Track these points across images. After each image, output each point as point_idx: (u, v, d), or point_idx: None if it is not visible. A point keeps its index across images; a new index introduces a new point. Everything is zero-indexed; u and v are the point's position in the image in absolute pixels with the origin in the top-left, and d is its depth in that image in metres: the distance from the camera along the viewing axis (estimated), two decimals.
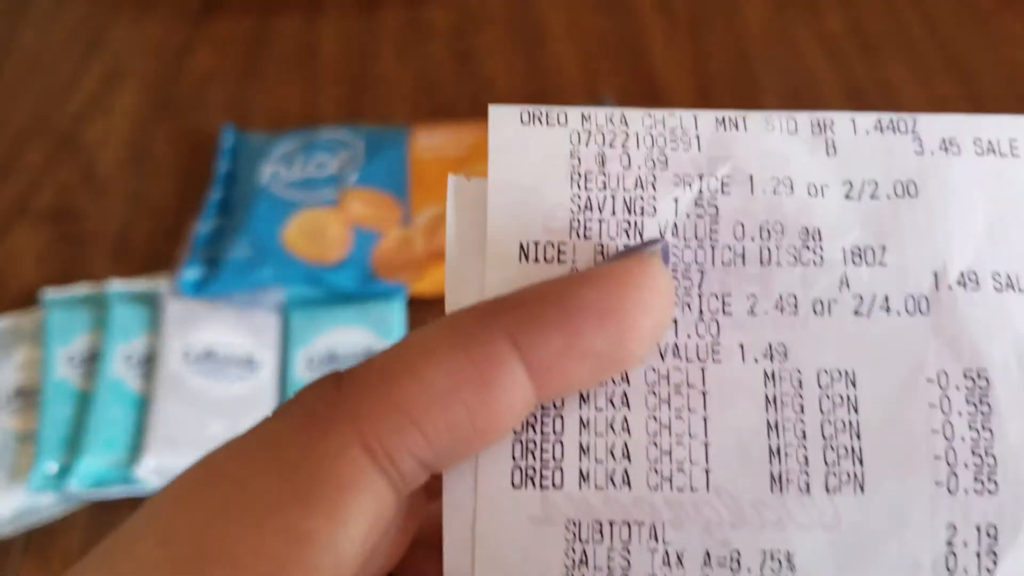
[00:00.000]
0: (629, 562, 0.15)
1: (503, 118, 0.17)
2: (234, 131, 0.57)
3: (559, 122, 0.17)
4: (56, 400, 0.46)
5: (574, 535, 0.15)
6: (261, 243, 0.50)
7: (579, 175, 0.17)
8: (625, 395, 0.16)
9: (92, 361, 0.47)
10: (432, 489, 0.16)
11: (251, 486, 0.13)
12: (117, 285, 0.50)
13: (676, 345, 0.16)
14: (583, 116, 0.17)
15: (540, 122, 0.17)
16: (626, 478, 0.15)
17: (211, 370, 0.47)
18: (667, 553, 0.15)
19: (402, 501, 0.15)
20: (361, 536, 0.14)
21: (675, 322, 0.16)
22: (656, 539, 0.15)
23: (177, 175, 0.56)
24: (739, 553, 0.15)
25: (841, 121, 0.17)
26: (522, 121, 0.17)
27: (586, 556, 0.15)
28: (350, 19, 0.64)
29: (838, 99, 0.58)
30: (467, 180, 0.17)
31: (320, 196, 0.52)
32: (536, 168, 0.17)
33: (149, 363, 0.47)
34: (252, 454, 0.14)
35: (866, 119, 0.17)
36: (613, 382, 0.16)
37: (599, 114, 0.17)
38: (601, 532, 0.15)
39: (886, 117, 0.17)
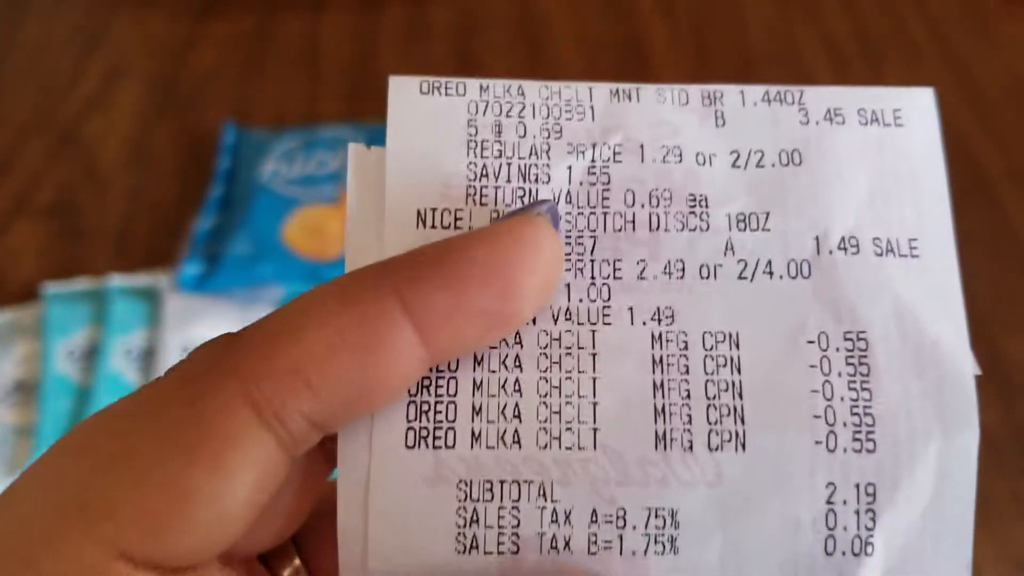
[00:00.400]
0: (519, 520, 0.15)
1: (403, 88, 0.17)
2: (235, 128, 0.57)
3: (457, 92, 0.17)
4: (55, 394, 0.46)
5: (465, 494, 0.15)
6: (261, 240, 0.50)
7: (476, 143, 0.17)
8: (518, 357, 0.16)
9: (91, 355, 0.47)
10: (333, 454, 0.16)
11: (134, 440, 0.13)
12: (117, 280, 0.50)
13: (568, 309, 0.16)
14: (481, 87, 0.17)
15: (439, 92, 0.17)
16: (516, 438, 0.16)
17: None
18: (555, 511, 0.15)
19: (296, 462, 0.15)
20: (246, 492, 0.14)
21: (567, 286, 0.16)
22: (545, 497, 0.16)
23: (178, 171, 0.56)
24: (625, 511, 0.16)
25: (730, 93, 0.18)
26: (421, 91, 0.17)
27: (477, 515, 0.15)
28: (352, 17, 0.64)
29: None
30: (367, 149, 0.17)
31: (320, 193, 0.52)
32: (434, 137, 0.17)
33: (148, 358, 0.47)
34: (139, 408, 0.14)
35: (755, 91, 0.18)
36: (507, 343, 0.16)
37: (497, 85, 0.18)
38: (492, 491, 0.16)
39: (773, 89, 0.18)
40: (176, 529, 0.13)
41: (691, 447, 0.16)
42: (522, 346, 0.16)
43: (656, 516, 0.16)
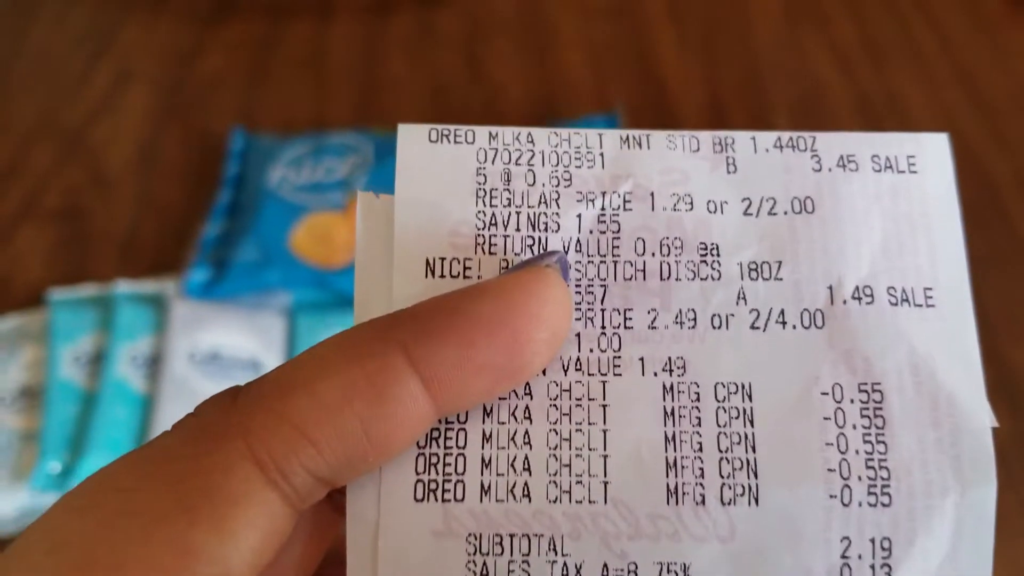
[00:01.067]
0: (529, 574, 0.15)
1: (411, 136, 0.17)
2: (244, 134, 0.57)
3: (467, 140, 0.17)
4: (61, 400, 0.46)
5: (475, 548, 0.15)
6: (269, 246, 0.50)
7: (485, 192, 0.17)
8: (527, 408, 0.16)
9: (97, 361, 0.47)
10: (343, 506, 0.16)
11: (140, 497, 0.13)
12: (123, 286, 0.50)
13: (578, 359, 0.16)
14: (490, 134, 0.17)
15: (448, 140, 0.17)
16: (526, 491, 0.16)
17: (216, 372, 0.46)
18: (566, 565, 0.15)
19: (302, 516, 0.15)
20: (252, 550, 0.14)
21: (578, 335, 0.16)
22: (555, 551, 0.15)
23: (185, 177, 0.56)
24: (636, 565, 0.15)
25: (742, 140, 0.17)
26: (430, 139, 0.17)
27: (487, 569, 0.15)
28: (361, 23, 0.64)
29: (847, 108, 0.58)
30: (376, 197, 0.17)
31: (329, 200, 0.52)
32: (443, 185, 0.17)
33: (154, 364, 0.47)
34: (144, 466, 0.14)
35: (767, 137, 0.17)
36: (516, 395, 0.16)
37: (506, 133, 0.17)
38: (501, 545, 0.15)
39: (786, 135, 0.17)
40: None
41: (703, 501, 0.16)
42: (532, 397, 0.16)
43: (668, 571, 0.15)
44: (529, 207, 0.17)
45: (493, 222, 0.17)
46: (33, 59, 0.63)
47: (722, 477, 0.16)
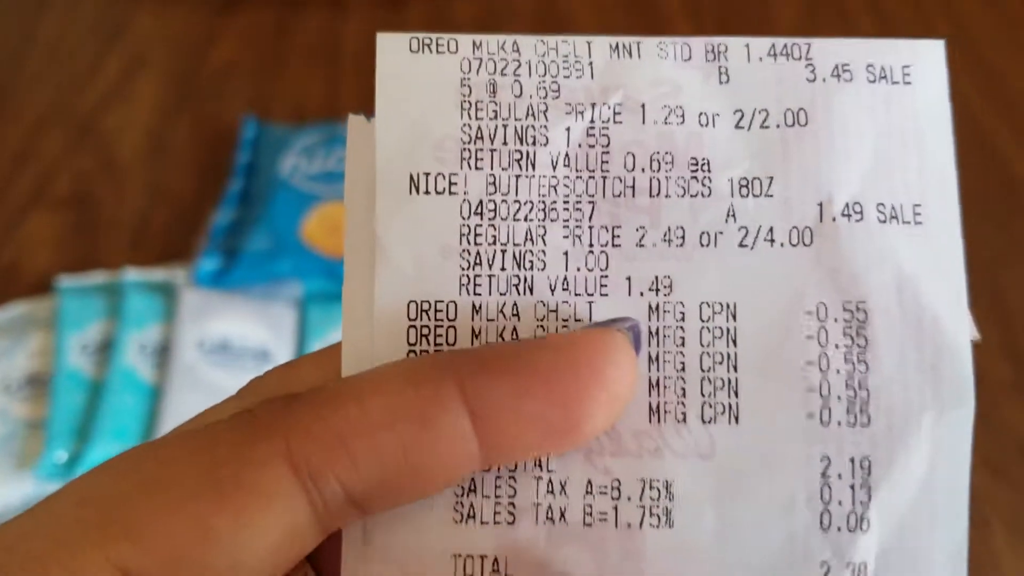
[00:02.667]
0: (515, 490, 0.15)
1: (391, 46, 0.16)
2: (256, 122, 0.56)
3: (449, 49, 0.17)
4: (68, 388, 0.45)
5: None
6: (280, 236, 0.50)
7: (469, 104, 0.16)
8: (515, 329, 0.16)
9: (105, 350, 0.47)
10: None
11: (175, 471, 0.14)
12: (133, 274, 0.49)
13: (565, 278, 0.16)
14: (474, 43, 0.17)
15: (430, 49, 0.17)
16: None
17: (225, 361, 0.46)
18: (551, 482, 0.15)
19: (324, 530, 0.15)
20: (268, 549, 0.14)
21: (565, 254, 0.16)
22: (541, 467, 0.16)
23: (196, 165, 0.56)
24: (620, 481, 0.15)
25: (735, 47, 0.17)
26: (411, 49, 0.16)
27: (474, 484, 0.15)
28: (375, 12, 0.64)
29: None
30: (367, 120, 0.17)
31: (341, 190, 0.51)
32: (425, 98, 0.16)
33: (163, 353, 0.46)
34: (190, 444, 0.14)
35: (761, 44, 0.17)
36: (503, 316, 0.16)
37: (491, 41, 0.17)
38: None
39: (780, 42, 0.17)
40: (190, 568, 0.13)
41: (684, 419, 0.16)
42: (519, 319, 0.16)
43: (651, 487, 0.15)
44: (516, 120, 0.16)
45: (479, 135, 0.16)
46: (45, 47, 0.63)
47: (703, 396, 0.16)
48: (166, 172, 0.55)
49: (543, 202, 0.16)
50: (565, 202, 0.16)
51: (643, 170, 0.16)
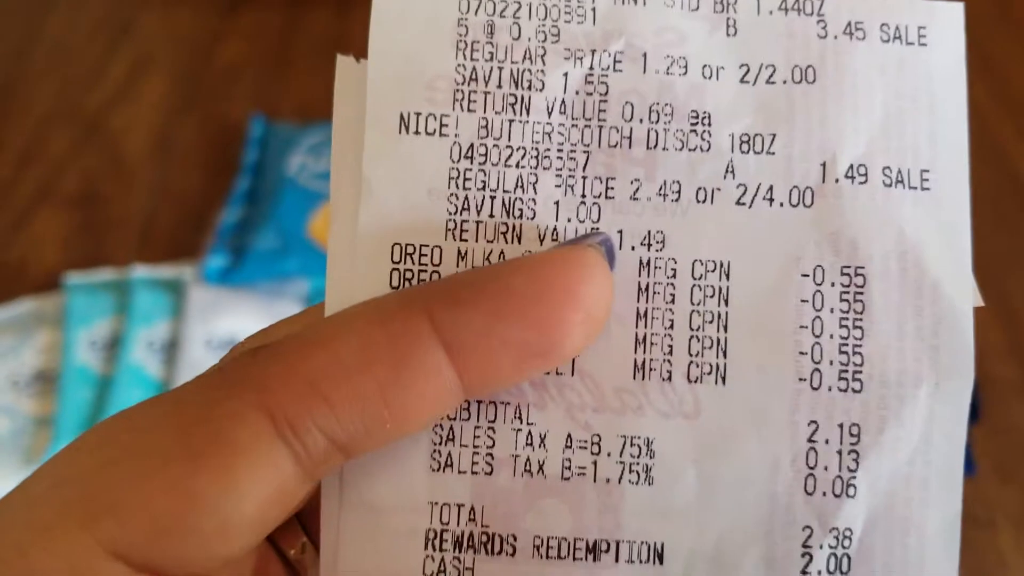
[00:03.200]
0: (494, 441, 0.15)
1: None
2: (262, 121, 0.56)
3: None
4: (76, 384, 0.45)
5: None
6: (287, 234, 0.50)
7: (465, 44, 0.16)
8: None
9: (113, 346, 0.47)
10: None
11: (148, 439, 0.13)
12: (140, 271, 0.49)
13: (555, 229, 0.16)
14: None
15: None
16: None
17: None
18: (531, 434, 0.15)
19: (311, 478, 0.14)
20: (255, 505, 0.13)
21: (556, 204, 0.16)
22: (520, 420, 0.15)
23: (203, 164, 0.56)
24: (600, 437, 0.15)
25: None
26: None
27: (453, 433, 0.15)
28: None
29: None
30: (356, 62, 0.16)
31: None
32: (420, 35, 0.16)
33: (171, 349, 0.46)
34: (159, 409, 0.14)
35: None
36: (488, 263, 0.16)
37: None
38: (468, 410, 0.15)
39: None
40: (177, 535, 0.13)
41: (670, 377, 0.15)
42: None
43: (631, 444, 0.15)
44: (512, 63, 0.16)
45: (473, 77, 0.16)
46: (51, 46, 0.63)
47: (690, 355, 0.15)
48: (173, 171, 0.55)
49: (536, 149, 0.16)
50: (559, 150, 0.16)
51: (641, 121, 0.16)
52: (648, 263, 0.16)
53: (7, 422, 0.44)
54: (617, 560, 0.15)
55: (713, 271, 0.16)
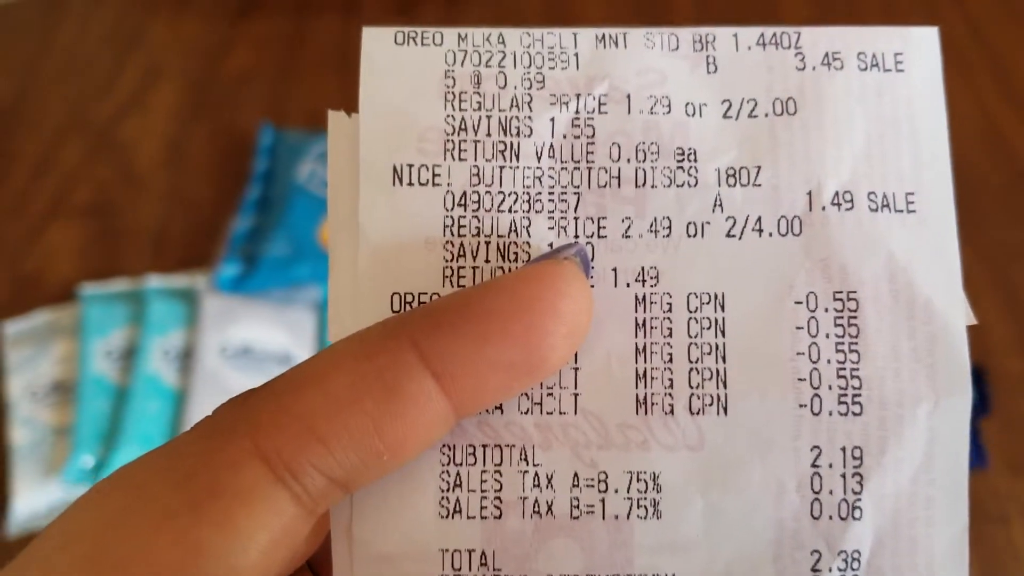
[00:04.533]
0: (501, 484, 0.15)
1: (377, 39, 0.17)
2: (272, 129, 0.57)
3: (434, 42, 0.17)
4: (93, 394, 0.46)
5: (448, 459, 0.15)
6: (299, 241, 0.50)
7: (453, 95, 0.16)
8: None
9: (129, 356, 0.47)
10: None
11: (149, 494, 0.13)
12: (155, 281, 0.50)
13: None
14: (459, 36, 0.17)
15: (415, 42, 0.17)
16: (498, 404, 0.16)
17: (248, 366, 0.46)
18: (537, 475, 0.15)
19: (313, 516, 0.14)
20: (260, 550, 0.13)
21: (550, 246, 0.16)
22: (527, 462, 0.15)
23: (214, 172, 0.56)
24: (607, 474, 0.15)
25: (723, 36, 0.17)
26: (396, 42, 0.17)
27: (460, 479, 0.15)
28: (387, 18, 0.64)
29: None
30: (347, 116, 0.17)
31: None
32: (410, 89, 0.16)
33: (186, 358, 0.47)
34: (156, 463, 0.14)
35: (749, 34, 0.17)
36: None
37: (476, 34, 0.17)
38: (474, 455, 0.15)
39: (770, 31, 0.17)
40: None
41: (672, 411, 0.15)
42: None
43: (638, 479, 0.15)
44: (500, 111, 0.16)
45: (463, 126, 0.16)
46: (61, 57, 0.64)
47: (691, 387, 0.16)
48: (185, 180, 0.56)
49: (527, 193, 0.16)
50: (550, 193, 0.16)
51: (628, 160, 0.16)
52: (644, 299, 0.16)
53: (27, 433, 0.45)
54: None
55: (708, 303, 0.16)
